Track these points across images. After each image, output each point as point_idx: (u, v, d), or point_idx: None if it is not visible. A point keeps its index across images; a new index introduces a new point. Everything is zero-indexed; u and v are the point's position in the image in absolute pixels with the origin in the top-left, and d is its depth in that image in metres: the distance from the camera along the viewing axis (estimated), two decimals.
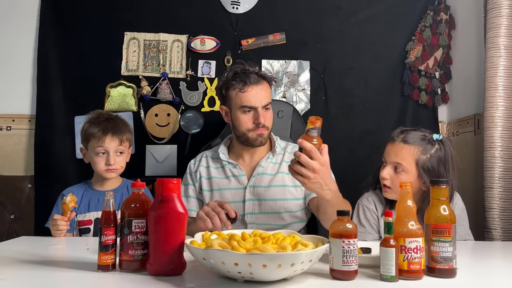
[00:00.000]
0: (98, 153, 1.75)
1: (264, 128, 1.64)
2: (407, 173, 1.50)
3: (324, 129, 2.27)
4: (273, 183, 1.67)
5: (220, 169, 1.73)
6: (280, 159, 1.72)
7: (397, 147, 1.52)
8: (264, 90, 1.64)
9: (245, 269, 0.92)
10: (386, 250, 0.99)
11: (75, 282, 1.03)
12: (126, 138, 1.79)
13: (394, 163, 1.52)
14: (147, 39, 2.39)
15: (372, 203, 1.62)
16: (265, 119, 1.63)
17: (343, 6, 2.41)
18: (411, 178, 1.48)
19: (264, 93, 1.63)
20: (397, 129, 1.57)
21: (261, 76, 1.65)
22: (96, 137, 1.74)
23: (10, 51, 2.39)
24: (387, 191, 1.55)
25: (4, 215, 2.32)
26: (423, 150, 1.49)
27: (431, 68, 2.40)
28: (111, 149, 1.75)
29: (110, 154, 1.74)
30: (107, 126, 1.76)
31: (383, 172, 1.54)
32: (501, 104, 1.80)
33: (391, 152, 1.54)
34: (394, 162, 1.52)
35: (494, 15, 1.82)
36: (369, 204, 1.62)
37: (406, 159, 1.50)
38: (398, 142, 1.53)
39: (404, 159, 1.50)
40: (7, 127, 2.38)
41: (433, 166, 1.48)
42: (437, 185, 1.09)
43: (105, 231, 1.08)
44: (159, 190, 1.05)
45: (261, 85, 1.63)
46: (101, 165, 1.75)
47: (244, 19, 2.39)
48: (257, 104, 1.62)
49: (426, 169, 1.48)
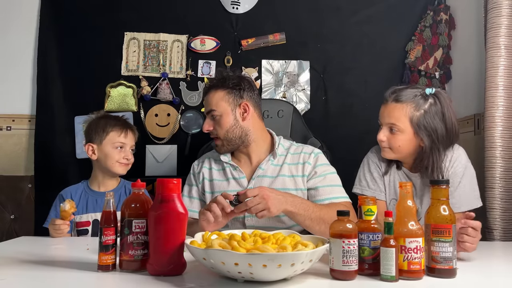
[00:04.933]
0: (116, 147, 1.78)
1: (215, 138, 1.67)
2: (402, 132, 1.49)
3: (324, 129, 2.30)
4: (273, 186, 1.61)
5: (221, 171, 1.71)
6: (282, 161, 1.68)
7: (389, 107, 1.51)
8: (208, 98, 1.67)
9: (245, 269, 0.92)
10: (386, 250, 0.99)
11: (75, 282, 1.03)
12: (136, 137, 1.87)
13: (389, 124, 1.50)
14: (147, 39, 2.39)
15: (376, 157, 1.64)
16: (206, 126, 1.66)
17: (343, 6, 2.41)
18: (407, 136, 1.48)
19: (207, 101, 1.68)
20: (389, 89, 1.54)
21: (210, 86, 1.68)
22: (118, 131, 1.79)
23: (10, 51, 2.39)
24: (386, 151, 1.55)
25: (4, 215, 2.31)
26: (415, 106, 1.47)
27: (431, 68, 2.40)
28: (128, 145, 1.81)
29: (126, 150, 1.80)
30: (126, 122, 1.86)
31: (379, 135, 1.53)
32: (501, 104, 1.80)
33: (385, 113, 1.52)
34: (389, 123, 1.50)
35: (494, 14, 1.82)
36: (373, 158, 1.65)
37: (399, 118, 1.48)
38: (390, 102, 1.51)
39: (398, 119, 1.48)
40: (7, 127, 2.38)
41: (428, 122, 1.46)
42: (437, 185, 1.09)
43: (105, 231, 1.08)
44: (159, 190, 1.05)
45: (208, 94, 1.67)
46: (117, 156, 1.78)
47: (244, 19, 2.39)
48: (205, 112, 1.70)
49: (422, 126, 1.46)
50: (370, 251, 1.04)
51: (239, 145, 1.66)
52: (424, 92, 1.49)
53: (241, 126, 1.65)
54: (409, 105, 1.47)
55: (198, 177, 1.74)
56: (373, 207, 1.07)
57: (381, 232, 1.05)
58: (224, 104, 1.64)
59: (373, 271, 1.03)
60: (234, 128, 1.64)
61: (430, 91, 1.49)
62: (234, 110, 1.65)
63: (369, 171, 1.63)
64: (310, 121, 2.23)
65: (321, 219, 1.43)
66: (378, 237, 1.04)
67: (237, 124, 1.65)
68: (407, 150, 1.52)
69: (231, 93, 1.65)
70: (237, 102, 1.65)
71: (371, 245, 1.04)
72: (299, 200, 1.45)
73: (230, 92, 1.65)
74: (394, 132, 1.50)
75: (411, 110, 1.47)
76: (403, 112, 1.47)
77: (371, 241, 1.04)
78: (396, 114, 1.48)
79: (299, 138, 1.98)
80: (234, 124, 1.64)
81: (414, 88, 1.51)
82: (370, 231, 1.05)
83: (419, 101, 1.47)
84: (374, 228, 1.05)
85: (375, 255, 1.03)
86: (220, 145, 1.66)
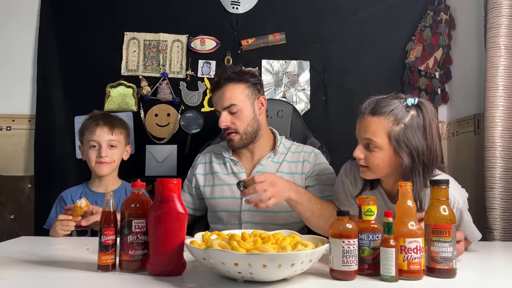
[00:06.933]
0: (90, 146, 1.75)
1: (232, 133, 1.66)
2: (380, 149, 1.28)
3: (324, 129, 2.30)
4: None
5: (222, 165, 1.75)
6: (282, 159, 1.72)
7: (365, 120, 1.31)
8: (225, 93, 1.63)
9: (245, 269, 0.92)
10: (386, 250, 0.99)
11: (75, 282, 1.03)
12: (119, 131, 1.78)
13: (365, 139, 1.30)
14: (147, 39, 2.39)
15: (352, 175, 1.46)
16: (225, 122, 1.64)
17: (343, 6, 2.41)
18: (386, 154, 1.28)
19: (224, 96, 1.64)
20: (366, 100, 1.34)
21: (227, 79, 1.64)
22: (88, 129, 1.76)
23: (10, 51, 2.39)
24: (364, 171, 1.35)
25: (4, 215, 2.31)
26: (394, 120, 1.26)
27: (431, 68, 2.40)
28: (103, 141, 1.74)
29: (102, 147, 1.74)
30: (99, 118, 1.78)
31: (355, 152, 1.33)
32: (501, 104, 1.80)
33: (360, 127, 1.33)
34: (365, 138, 1.31)
35: (494, 14, 1.82)
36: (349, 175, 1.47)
37: (376, 133, 1.28)
38: (366, 115, 1.31)
39: (375, 134, 1.28)
40: (7, 127, 2.38)
41: (408, 137, 1.25)
42: (437, 185, 1.09)
43: (105, 231, 1.08)
44: (159, 190, 1.05)
45: (223, 89, 1.64)
46: (92, 158, 1.74)
47: (244, 19, 2.39)
48: (218, 108, 1.66)
49: (402, 142, 1.25)
50: (370, 251, 1.04)
51: (253, 140, 1.69)
52: (406, 103, 1.29)
53: (258, 120, 1.69)
54: (387, 118, 1.27)
55: (192, 171, 1.81)
56: (373, 207, 1.07)
57: (381, 232, 1.05)
58: (244, 98, 1.65)
59: (373, 271, 1.03)
60: (252, 122, 1.67)
61: (413, 102, 1.29)
62: (253, 104, 1.67)
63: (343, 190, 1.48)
64: (310, 121, 2.23)
65: (321, 213, 1.45)
66: (378, 237, 1.04)
67: (255, 118, 1.68)
68: (386, 169, 1.32)
69: (250, 87, 1.67)
70: (255, 96, 1.69)
71: (371, 245, 1.04)
72: (302, 190, 1.47)
73: (249, 86, 1.67)
74: (371, 149, 1.29)
75: (389, 124, 1.27)
76: (381, 127, 1.27)
77: (371, 241, 1.04)
78: (372, 129, 1.28)
79: (299, 138, 1.98)
80: (253, 118, 1.67)
81: (395, 98, 1.31)
82: (370, 231, 1.05)
83: (398, 113, 1.27)
84: (374, 228, 1.05)
85: (375, 255, 1.03)
86: (238, 139, 1.66)
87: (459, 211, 1.28)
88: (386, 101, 1.31)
